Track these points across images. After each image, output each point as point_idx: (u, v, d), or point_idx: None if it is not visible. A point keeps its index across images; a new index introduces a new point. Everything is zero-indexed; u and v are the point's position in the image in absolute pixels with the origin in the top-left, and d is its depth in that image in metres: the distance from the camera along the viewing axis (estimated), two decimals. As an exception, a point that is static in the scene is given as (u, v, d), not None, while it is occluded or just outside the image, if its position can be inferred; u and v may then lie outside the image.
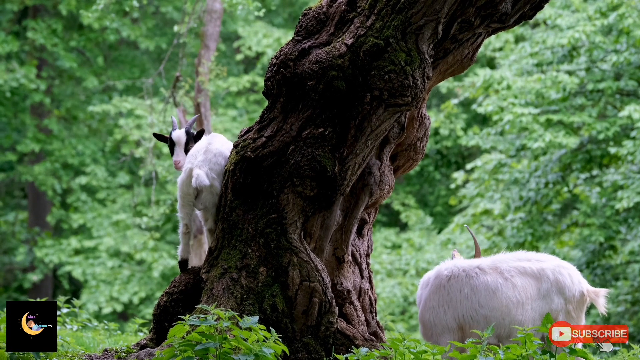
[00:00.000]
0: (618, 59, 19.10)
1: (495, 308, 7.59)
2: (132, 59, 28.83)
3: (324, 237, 7.81)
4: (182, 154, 7.86)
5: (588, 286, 7.74)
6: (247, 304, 7.52)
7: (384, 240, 27.01)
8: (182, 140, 7.90)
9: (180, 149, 7.90)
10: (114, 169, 28.00)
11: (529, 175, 20.66)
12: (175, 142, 7.90)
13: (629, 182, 18.98)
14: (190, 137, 7.90)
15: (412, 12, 7.50)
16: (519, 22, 8.01)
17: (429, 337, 7.74)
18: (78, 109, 27.62)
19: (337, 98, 7.55)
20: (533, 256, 7.84)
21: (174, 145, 7.91)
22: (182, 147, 7.89)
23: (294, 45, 7.78)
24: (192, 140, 7.89)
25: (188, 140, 7.89)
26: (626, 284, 19.88)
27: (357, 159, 7.67)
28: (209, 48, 18.40)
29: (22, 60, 27.12)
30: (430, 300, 7.76)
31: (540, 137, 19.25)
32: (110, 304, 25.14)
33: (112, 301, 25.31)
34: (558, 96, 19.55)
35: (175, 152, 7.89)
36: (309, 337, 7.59)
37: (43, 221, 28.41)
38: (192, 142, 7.87)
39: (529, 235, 20.38)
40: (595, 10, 19.64)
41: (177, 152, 7.89)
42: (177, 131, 7.95)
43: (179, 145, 7.89)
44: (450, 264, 7.86)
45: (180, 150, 7.89)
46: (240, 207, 7.74)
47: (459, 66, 8.16)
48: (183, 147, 7.89)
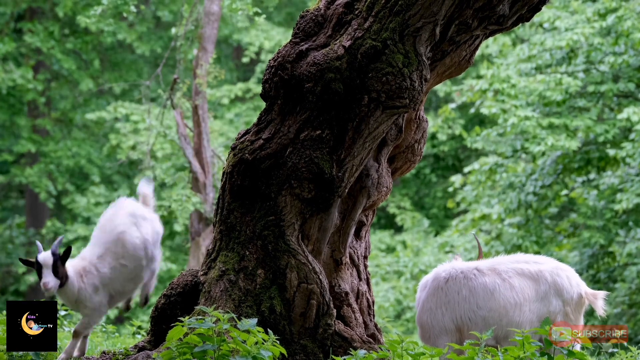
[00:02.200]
0: (616, 61, 19.10)
1: (493, 309, 7.59)
2: (128, 62, 28.82)
3: (322, 239, 7.81)
4: (51, 275, 7.93)
5: (586, 288, 7.74)
6: (245, 306, 7.51)
7: (378, 242, 27.01)
8: (49, 262, 7.97)
9: (48, 270, 7.95)
10: (110, 173, 27.98)
11: (526, 179, 20.65)
12: (42, 265, 7.96)
13: (627, 184, 18.97)
14: (57, 258, 7.99)
15: (410, 14, 7.50)
16: (517, 24, 8.01)
17: (427, 339, 7.74)
18: (74, 112, 27.60)
19: (334, 100, 7.55)
20: (531, 258, 7.85)
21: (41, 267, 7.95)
22: (50, 269, 7.95)
23: (291, 47, 7.78)
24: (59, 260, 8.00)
25: (55, 261, 7.96)
26: (624, 287, 19.88)
27: (355, 161, 7.67)
28: (207, 50, 18.39)
29: (19, 62, 27.10)
30: (428, 302, 7.76)
31: (543, 141, 19.23)
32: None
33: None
34: (559, 98, 19.54)
35: (44, 274, 7.93)
36: (307, 339, 7.59)
37: (41, 224, 28.39)
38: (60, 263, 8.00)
39: (527, 240, 20.37)
40: (593, 12, 19.64)
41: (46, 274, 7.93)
42: (43, 253, 8.01)
43: (47, 267, 7.95)
44: (448, 266, 7.87)
45: (49, 271, 7.94)
46: (238, 209, 7.74)
47: (456, 68, 8.16)
48: (51, 269, 7.95)
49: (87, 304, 8.13)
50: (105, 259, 8.36)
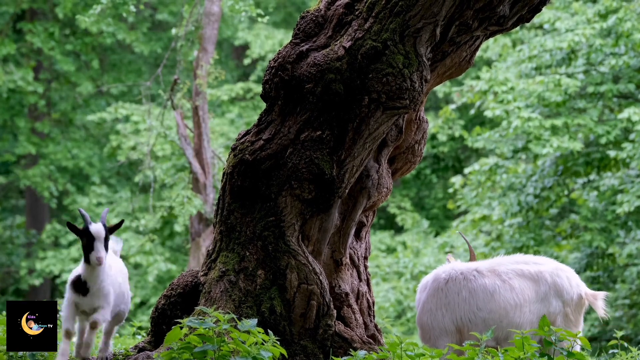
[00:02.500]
0: (617, 62, 19.09)
1: (494, 311, 7.59)
2: (128, 63, 28.83)
3: (322, 239, 7.81)
4: (104, 249, 7.30)
5: (586, 289, 7.74)
6: (245, 306, 7.51)
7: (378, 242, 27.00)
8: (101, 235, 7.29)
9: (100, 243, 7.27)
10: (110, 174, 27.98)
11: (526, 180, 20.64)
12: (95, 237, 7.29)
13: (628, 186, 18.96)
14: (107, 231, 7.33)
15: (410, 15, 7.50)
16: (517, 25, 8.01)
17: (427, 340, 7.74)
18: (74, 113, 27.61)
19: (335, 101, 7.55)
20: (531, 259, 7.84)
21: (93, 239, 7.28)
22: (103, 242, 7.29)
23: (292, 48, 7.78)
24: (108, 234, 7.35)
25: (106, 234, 7.33)
26: (624, 287, 19.88)
27: (355, 161, 7.68)
28: (207, 51, 18.40)
29: (19, 62, 27.11)
30: (428, 303, 7.76)
31: (548, 143, 19.22)
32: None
33: None
34: (559, 99, 19.53)
35: (96, 246, 7.26)
36: (307, 339, 7.59)
37: (41, 224, 28.40)
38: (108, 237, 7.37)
39: (530, 240, 20.36)
40: (594, 13, 19.63)
41: (98, 247, 7.26)
42: (95, 225, 7.31)
43: (99, 239, 7.29)
44: (448, 267, 7.86)
45: (101, 244, 7.28)
46: (238, 210, 7.74)
47: (457, 69, 8.16)
48: (103, 242, 7.29)
49: (105, 293, 7.44)
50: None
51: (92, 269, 7.30)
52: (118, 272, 7.68)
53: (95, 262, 7.24)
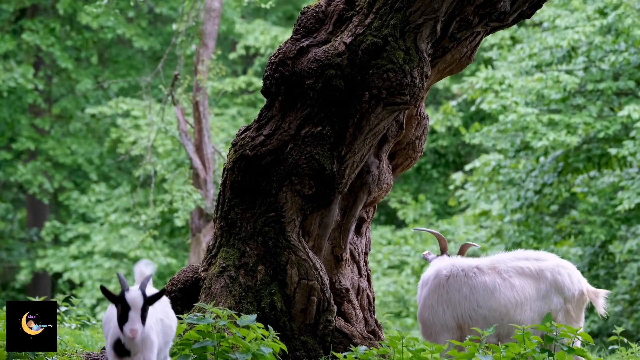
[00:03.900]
0: (617, 59, 19.08)
1: (494, 308, 7.58)
2: (128, 58, 28.82)
3: (323, 235, 7.81)
4: (139, 321, 6.06)
5: (588, 286, 7.73)
6: (245, 302, 7.52)
7: (379, 237, 26.99)
8: (138, 305, 6.08)
9: (136, 314, 6.07)
10: (110, 168, 27.97)
11: (526, 176, 20.63)
12: (130, 306, 6.08)
13: (629, 183, 18.95)
14: (146, 300, 6.09)
15: (411, 11, 7.50)
16: (518, 21, 8.01)
17: (428, 336, 7.74)
18: (74, 108, 27.60)
19: (335, 97, 7.55)
20: (532, 255, 7.81)
21: (129, 309, 6.07)
22: (139, 313, 6.08)
23: (292, 43, 7.78)
24: (147, 303, 6.11)
25: (145, 303, 6.08)
26: (624, 283, 19.88)
27: (356, 157, 7.68)
28: (208, 46, 18.39)
29: (19, 59, 27.10)
30: (430, 299, 7.76)
31: (544, 136, 19.21)
32: (105, 307, 25.15)
33: (108, 301, 25.28)
34: (558, 96, 19.52)
35: (131, 317, 6.05)
36: (308, 335, 7.59)
37: (41, 220, 28.40)
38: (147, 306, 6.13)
39: (530, 238, 20.35)
40: (594, 10, 19.60)
41: (133, 318, 6.05)
42: (132, 292, 6.11)
43: (135, 309, 6.08)
44: (449, 264, 7.84)
45: (137, 315, 6.06)
46: (239, 206, 7.74)
47: (457, 65, 8.16)
48: (140, 313, 6.08)
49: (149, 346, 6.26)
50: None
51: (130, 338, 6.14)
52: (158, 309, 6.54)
53: (128, 334, 6.07)
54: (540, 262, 7.75)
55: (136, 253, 24.56)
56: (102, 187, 27.31)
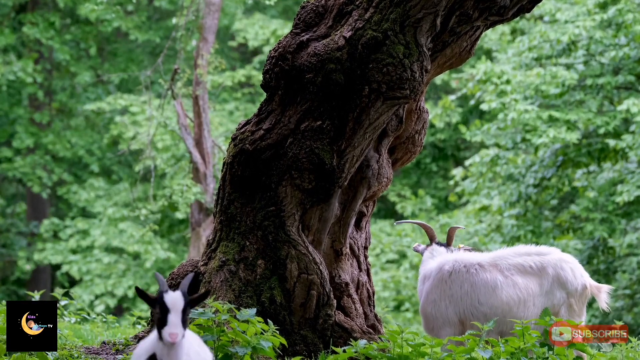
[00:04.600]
0: (617, 54, 19.06)
1: (495, 306, 7.56)
2: (127, 52, 28.79)
3: (322, 229, 7.81)
4: (180, 324, 5.45)
5: (591, 280, 7.71)
6: (245, 296, 7.52)
7: (379, 232, 26.99)
8: (179, 306, 5.50)
9: (177, 316, 5.48)
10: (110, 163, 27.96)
11: (525, 171, 20.63)
12: (170, 308, 5.49)
13: (628, 176, 18.95)
14: (188, 302, 5.51)
15: (411, 5, 7.49)
16: (518, 15, 8.00)
17: (430, 330, 7.73)
18: (74, 102, 27.58)
19: (335, 91, 7.55)
20: (533, 250, 7.78)
21: (168, 311, 5.47)
22: (180, 315, 5.48)
23: (292, 38, 7.78)
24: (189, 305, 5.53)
25: (186, 305, 5.50)
26: (624, 277, 19.88)
27: (356, 151, 7.67)
28: (207, 40, 18.38)
29: (19, 53, 27.08)
30: (432, 294, 7.75)
31: (544, 133, 19.19)
32: (103, 301, 25.16)
33: (107, 296, 25.32)
34: (557, 91, 19.50)
35: (170, 320, 5.46)
36: (307, 329, 7.60)
37: (41, 214, 28.39)
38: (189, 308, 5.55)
39: (529, 233, 20.33)
40: (594, 4, 19.58)
41: (173, 321, 5.47)
42: (172, 294, 5.54)
43: (175, 311, 5.49)
44: (452, 259, 7.82)
45: (177, 318, 5.48)
46: (239, 200, 7.74)
47: (457, 59, 8.15)
48: (180, 315, 5.48)
49: None
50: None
51: (169, 347, 5.51)
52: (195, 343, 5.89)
53: (167, 339, 5.45)
54: (542, 256, 7.73)
55: (134, 247, 24.57)
56: (101, 183, 27.31)
